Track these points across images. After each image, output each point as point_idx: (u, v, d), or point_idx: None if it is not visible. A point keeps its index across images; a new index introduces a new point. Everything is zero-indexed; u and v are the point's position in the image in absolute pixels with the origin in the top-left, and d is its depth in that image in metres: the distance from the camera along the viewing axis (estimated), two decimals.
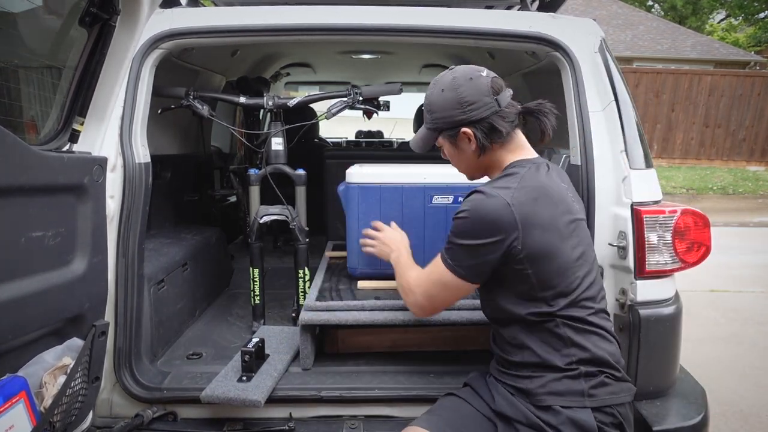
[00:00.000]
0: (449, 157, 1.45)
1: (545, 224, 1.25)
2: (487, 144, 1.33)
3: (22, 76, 1.61)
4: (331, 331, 1.87)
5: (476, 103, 1.30)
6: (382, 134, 6.05)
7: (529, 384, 1.27)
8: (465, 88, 1.31)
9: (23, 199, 1.23)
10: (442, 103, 1.34)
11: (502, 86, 1.34)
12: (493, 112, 1.31)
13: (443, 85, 1.35)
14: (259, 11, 1.78)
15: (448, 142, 1.40)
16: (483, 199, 1.25)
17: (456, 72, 1.35)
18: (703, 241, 1.61)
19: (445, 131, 1.37)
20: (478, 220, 1.24)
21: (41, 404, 1.29)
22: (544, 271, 1.25)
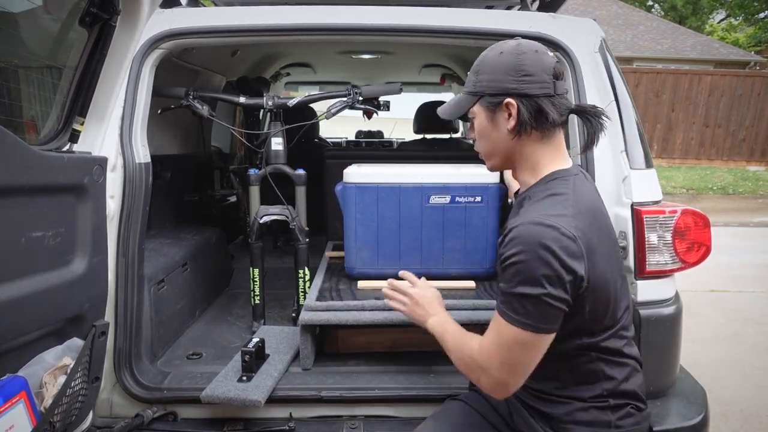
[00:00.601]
0: (478, 132, 1.25)
1: (602, 251, 1.12)
2: (529, 124, 1.16)
3: (22, 76, 1.61)
4: (331, 331, 1.87)
5: (533, 76, 1.15)
6: (382, 134, 6.05)
7: (553, 409, 1.21)
8: (528, 56, 1.16)
9: (23, 199, 1.23)
10: (496, 64, 1.18)
11: (563, 75, 1.21)
12: (547, 94, 1.15)
13: (503, 49, 1.19)
14: (259, 11, 1.78)
15: (485, 112, 1.21)
16: (542, 233, 1.05)
17: (522, 41, 1.21)
18: (703, 241, 1.61)
19: (487, 97, 1.19)
20: (541, 261, 1.04)
21: (41, 404, 1.29)
22: (599, 304, 1.14)
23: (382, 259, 1.98)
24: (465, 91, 1.25)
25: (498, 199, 1.95)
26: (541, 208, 1.12)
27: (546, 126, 1.17)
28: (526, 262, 1.05)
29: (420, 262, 1.98)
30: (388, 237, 1.97)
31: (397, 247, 1.98)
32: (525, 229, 1.07)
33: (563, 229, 1.05)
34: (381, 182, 1.94)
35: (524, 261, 1.05)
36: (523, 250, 1.05)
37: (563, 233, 1.05)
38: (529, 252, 1.05)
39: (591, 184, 1.27)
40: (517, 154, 1.23)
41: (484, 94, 1.20)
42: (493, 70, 1.18)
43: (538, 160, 1.21)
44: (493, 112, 1.20)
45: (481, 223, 1.95)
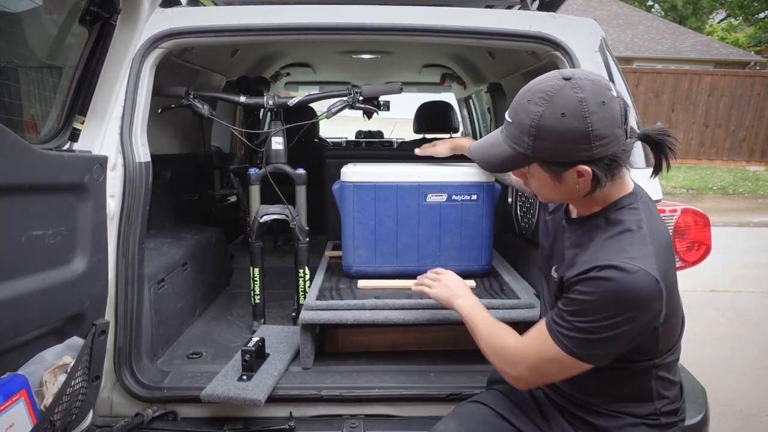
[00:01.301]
0: (537, 186, 1.15)
1: (675, 282, 1.09)
2: (606, 183, 1.05)
3: (23, 75, 1.61)
4: (331, 331, 1.87)
5: (607, 138, 1.00)
6: (382, 134, 6.05)
7: (603, 422, 1.17)
8: (597, 116, 0.99)
9: (23, 198, 1.23)
10: (562, 132, 1.00)
11: (628, 108, 1.06)
12: (621, 146, 1.03)
13: (565, 108, 0.99)
14: (259, 11, 1.78)
15: (548, 174, 1.08)
16: (626, 279, 0.98)
17: (582, 89, 1.00)
18: (703, 241, 1.61)
19: (552, 165, 1.06)
20: (621, 306, 0.99)
21: (41, 403, 1.29)
22: (669, 332, 1.11)
23: (380, 258, 1.99)
24: (518, 150, 1.07)
25: (493, 197, 1.96)
26: (620, 248, 1.03)
27: (621, 172, 1.08)
28: (603, 305, 1.00)
29: (417, 259, 1.99)
30: (386, 235, 1.97)
31: (395, 245, 1.98)
32: (608, 274, 0.99)
33: (649, 274, 0.99)
34: (378, 181, 1.94)
35: (601, 303, 1.00)
36: (602, 293, 1.00)
37: (648, 279, 0.99)
38: (610, 297, 0.99)
39: (654, 205, 1.19)
40: (583, 200, 1.13)
41: (546, 161, 1.06)
42: (559, 138, 1.01)
43: (606, 195, 1.12)
44: (559, 174, 1.07)
45: (477, 220, 1.96)
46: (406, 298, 1.78)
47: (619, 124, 1.02)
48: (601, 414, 1.18)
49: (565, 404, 1.24)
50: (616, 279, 0.99)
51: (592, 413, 1.19)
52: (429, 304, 1.73)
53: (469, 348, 1.86)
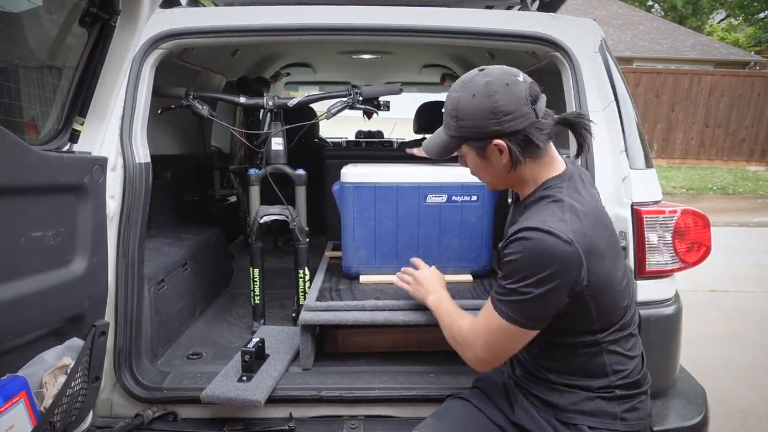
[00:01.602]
0: (472, 167, 1.30)
1: (603, 252, 1.16)
2: (521, 159, 1.19)
3: (22, 76, 1.61)
4: (331, 331, 1.87)
5: (513, 113, 1.15)
6: (382, 134, 6.05)
7: (559, 399, 1.24)
8: (501, 95, 1.15)
9: (23, 199, 1.23)
10: (473, 110, 1.17)
11: (539, 93, 1.20)
12: (530, 123, 1.16)
13: (474, 90, 1.17)
14: (259, 11, 1.78)
15: (475, 153, 1.24)
16: (541, 238, 1.10)
17: (489, 75, 1.18)
18: (703, 241, 1.61)
19: (473, 141, 1.22)
20: (538, 264, 1.10)
21: (41, 404, 1.29)
22: (603, 303, 1.18)
23: (380, 258, 1.99)
24: (448, 134, 1.25)
25: (493, 198, 1.96)
26: (540, 215, 1.16)
27: (538, 151, 1.21)
28: (524, 263, 1.12)
29: None
30: (385, 236, 1.97)
31: (395, 246, 1.98)
32: (526, 234, 1.13)
33: (561, 235, 1.10)
34: (378, 182, 1.94)
35: (522, 262, 1.12)
36: (522, 252, 1.12)
37: (561, 239, 1.09)
38: (528, 255, 1.12)
39: (587, 185, 1.30)
40: (514, 179, 1.27)
41: (469, 139, 1.22)
42: (472, 115, 1.18)
43: (535, 175, 1.25)
44: (483, 151, 1.23)
45: (477, 221, 1.96)
46: (406, 299, 1.78)
47: (524, 102, 1.16)
48: (560, 391, 1.24)
49: (529, 386, 1.31)
50: (532, 238, 1.11)
51: (552, 392, 1.26)
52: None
53: None
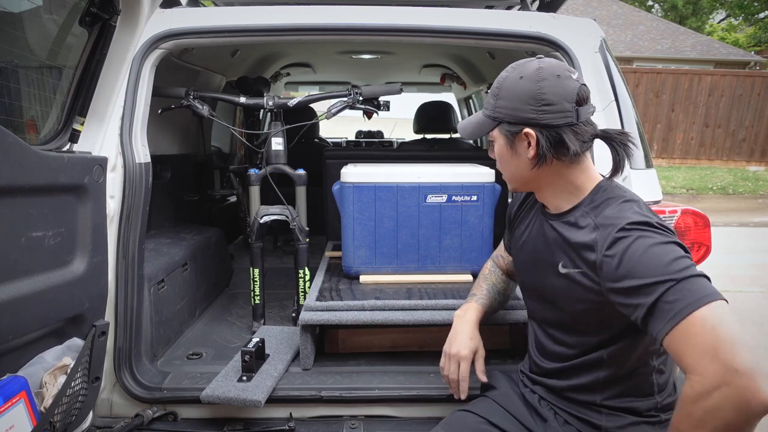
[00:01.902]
0: (498, 156, 1.23)
1: None
2: (548, 155, 1.13)
3: (22, 76, 1.61)
4: (331, 331, 1.87)
5: (554, 106, 1.10)
6: (382, 134, 6.06)
7: (606, 422, 1.17)
8: (548, 83, 1.10)
9: (23, 199, 1.23)
10: (515, 91, 1.13)
11: (588, 99, 1.14)
12: (568, 123, 1.11)
13: (524, 73, 1.13)
14: (259, 11, 1.78)
15: (504, 139, 1.18)
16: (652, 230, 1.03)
17: (544, 62, 1.14)
18: (703, 241, 1.61)
19: (506, 125, 1.16)
20: (663, 237, 1.02)
21: (41, 404, 1.29)
22: None
23: (380, 258, 1.99)
24: (485, 114, 1.20)
25: (493, 198, 1.96)
26: (634, 214, 1.06)
27: (567, 155, 1.13)
28: (673, 239, 1.02)
29: (417, 260, 1.99)
30: (386, 236, 1.97)
31: (395, 246, 1.98)
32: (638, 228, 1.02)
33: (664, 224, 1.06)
34: (378, 182, 1.94)
35: (672, 239, 1.02)
36: (665, 230, 1.03)
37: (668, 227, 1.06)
38: (669, 232, 1.03)
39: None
40: (538, 178, 1.19)
41: (503, 121, 1.16)
42: (512, 96, 1.13)
43: (573, 180, 1.18)
44: (512, 139, 1.17)
45: (477, 221, 1.96)
46: (406, 299, 1.78)
47: (570, 99, 1.10)
48: (603, 413, 1.18)
49: (564, 406, 1.23)
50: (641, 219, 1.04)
51: (593, 412, 1.19)
52: (429, 305, 1.73)
53: None
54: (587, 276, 1.11)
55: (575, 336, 1.20)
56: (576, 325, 1.20)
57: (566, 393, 1.23)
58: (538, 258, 1.27)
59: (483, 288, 1.53)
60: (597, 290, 1.09)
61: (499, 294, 1.54)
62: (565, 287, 1.17)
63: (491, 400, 1.35)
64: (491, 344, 1.89)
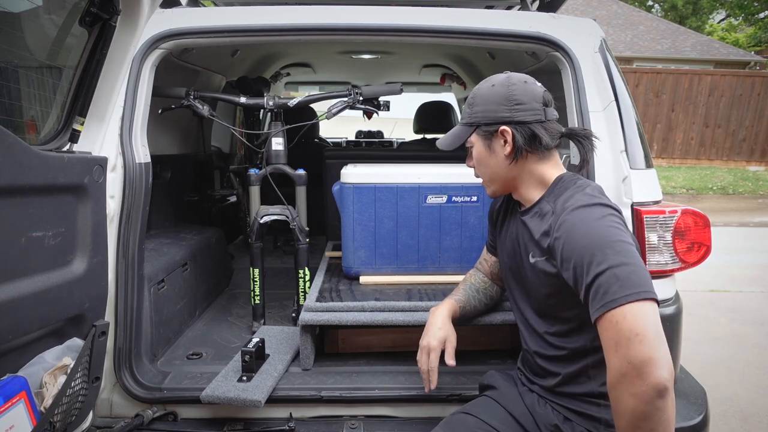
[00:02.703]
0: (477, 160, 1.33)
1: None
2: (524, 149, 1.25)
3: (22, 76, 1.61)
4: (332, 332, 1.87)
5: (525, 105, 1.24)
6: (382, 134, 6.05)
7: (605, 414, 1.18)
8: (517, 87, 1.26)
9: (23, 199, 1.23)
10: (489, 96, 1.27)
11: (552, 102, 1.29)
12: (538, 120, 1.25)
13: (494, 81, 1.29)
14: (259, 11, 1.78)
15: (482, 141, 1.30)
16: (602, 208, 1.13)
17: (511, 74, 1.30)
18: (703, 241, 1.61)
19: (483, 127, 1.28)
20: (610, 219, 1.10)
21: (41, 404, 1.29)
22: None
23: (380, 259, 1.99)
24: (462, 123, 1.33)
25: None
26: (584, 195, 1.16)
27: (540, 149, 1.26)
28: (618, 221, 1.11)
29: (417, 261, 1.99)
30: (386, 236, 1.97)
31: (395, 246, 1.98)
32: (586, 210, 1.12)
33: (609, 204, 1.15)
34: (378, 182, 1.94)
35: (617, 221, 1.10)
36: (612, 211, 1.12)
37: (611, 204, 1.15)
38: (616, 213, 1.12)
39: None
40: (517, 176, 1.30)
41: (480, 123, 1.28)
42: (487, 101, 1.27)
43: (542, 174, 1.28)
44: (489, 139, 1.29)
45: (477, 222, 1.96)
46: (406, 300, 1.78)
47: (538, 99, 1.25)
48: (602, 405, 1.19)
49: (564, 402, 1.24)
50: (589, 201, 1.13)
51: (592, 405, 1.20)
52: (429, 306, 1.73)
53: (468, 349, 1.87)
54: (549, 262, 1.19)
55: (555, 325, 1.25)
56: (551, 313, 1.25)
57: (561, 388, 1.25)
58: (515, 255, 1.34)
59: (460, 288, 1.60)
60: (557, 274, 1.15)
61: (477, 292, 1.59)
62: (535, 276, 1.25)
63: (491, 400, 1.36)
64: (491, 344, 1.90)
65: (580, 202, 1.14)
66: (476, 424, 1.29)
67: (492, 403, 1.35)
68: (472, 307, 1.58)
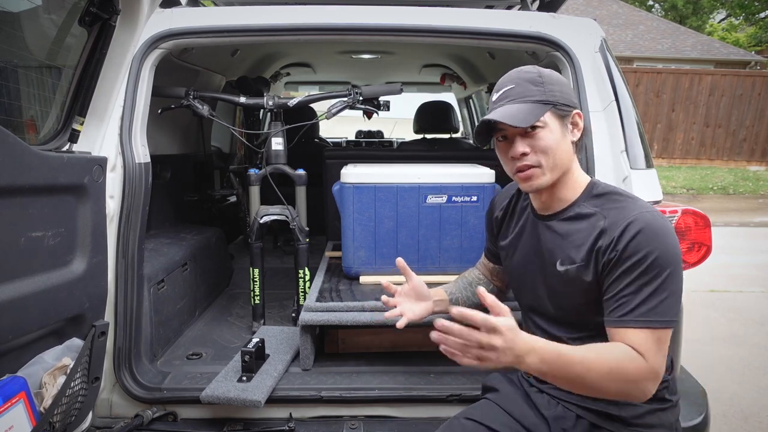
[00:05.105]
0: (548, 143, 1.17)
1: None
2: (582, 144, 1.27)
3: (22, 76, 1.61)
4: (331, 332, 1.87)
5: (576, 101, 1.27)
6: (382, 134, 6.06)
7: (624, 412, 1.18)
8: (566, 80, 1.27)
9: (23, 199, 1.23)
10: (560, 79, 1.22)
11: None
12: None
13: (551, 68, 1.26)
14: (259, 11, 1.78)
15: (557, 121, 1.18)
16: (660, 216, 1.14)
17: None
18: (703, 242, 1.61)
19: (560, 107, 1.18)
20: (674, 243, 1.12)
21: (41, 404, 1.29)
22: None
23: (380, 259, 1.99)
24: (532, 100, 1.17)
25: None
26: (636, 203, 1.16)
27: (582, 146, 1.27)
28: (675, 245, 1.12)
29: (417, 261, 1.99)
30: (386, 236, 1.97)
31: (395, 246, 1.98)
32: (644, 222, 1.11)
33: (663, 217, 1.15)
34: (378, 182, 1.94)
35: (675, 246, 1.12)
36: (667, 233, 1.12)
37: (666, 220, 1.15)
38: (672, 235, 1.12)
39: None
40: (570, 169, 1.23)
41: (558, 103, 1.18)
42: (560, 83, 1.21)
43: (578, 173, 1.25)
44: (564, 120, 1.20)
45: (477, 222, 1.96)
46: None
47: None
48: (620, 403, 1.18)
49: (578, 401, 1.22)
50: (659, 218, 1.13)
51: (610, 404, 1.19)
52: None
53: None
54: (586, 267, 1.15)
55: (583, 332, 1.21)
56: (579, 320, 1.22)
57: None
58: (532, 263, 1.29)
59: (453, 281, 1.61)
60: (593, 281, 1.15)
61: (470, 285, 1.59)
62: (564, 285, 1.20)
63: (493, 403, 1.34)
64: None
65: (648, 208, 1.14)
66: (476, 430, 1.27)
67: (493, 407, 1.33)
68: (456, 299, 1.54)
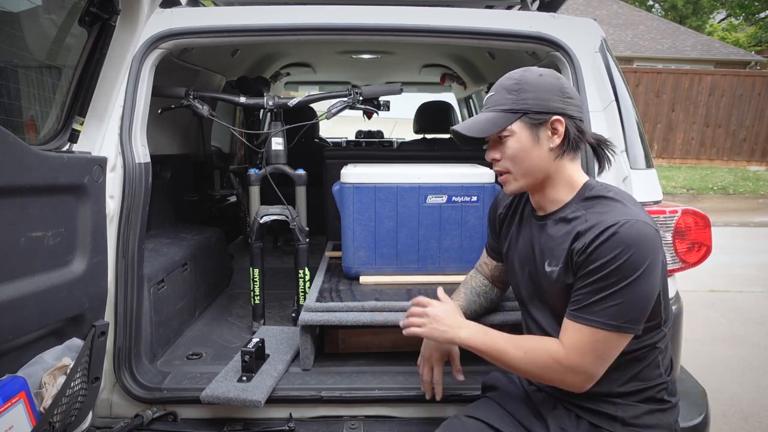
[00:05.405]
0: (515, 150, 1.20)
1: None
2: (572, 143, 1.19)
3: (22, 75, 1.61)
4: (331, 332, 1.87)
5: (573, 99, 1.20)
6: (382, 134, 6.06)
7: (622, 412, 1.18)
8: (564, 81, 1.22)
9: (23, 199, 1.23)
10: (540, 84, 1.18)
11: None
12: (581, 118, 1.22)
13: (541, 72, 1.21)
14: (259, 11, 1.78)
15: (527, 130, 1.18)
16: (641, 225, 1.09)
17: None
18: (703, 242, 1.61)
19: (532, 115, 1.17)
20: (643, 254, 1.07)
21: (41, 404, 1.29)
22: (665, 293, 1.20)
23: (380, 259, 1.99)
24: (501, 109, 1.20)
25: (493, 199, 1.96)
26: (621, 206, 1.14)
27: (581, 147, 1.22)
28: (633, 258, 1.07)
29: (417, 261, 1.99)
30: (386, 237, 1.97)
31: (395, 246, 1.98)
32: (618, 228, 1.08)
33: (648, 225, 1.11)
34: (378, 182, 1.94)
35: (630, 258, 1.07)
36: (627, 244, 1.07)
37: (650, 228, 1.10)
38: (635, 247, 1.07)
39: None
40: (553, 174, 1.22)
41: (529, 111, 1.18)
42: (539, 88, 1.18)
43: (572, 175, 1.23)
44: (537, 129, 1.19)
45: (477, 222, 1.96)
46: (406, 300, 1.77)
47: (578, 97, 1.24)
48: (618, 403, 1.19)
49: (577, 401, 1.22)
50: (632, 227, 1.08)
51: (608, 404, 1.19)
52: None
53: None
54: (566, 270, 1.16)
55: None
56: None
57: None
58: (529, 262, 1.29)
59: (461, 292, 1.56)
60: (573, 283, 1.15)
61: (478, 296, 1.56)
62: (551, 285, 1.21)
63: (492, 402, 1.35)
64: None
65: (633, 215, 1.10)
66: (477, 427, 1.28)
67: (493, 405, 1.34)
68: (472, 312, 1.54)
